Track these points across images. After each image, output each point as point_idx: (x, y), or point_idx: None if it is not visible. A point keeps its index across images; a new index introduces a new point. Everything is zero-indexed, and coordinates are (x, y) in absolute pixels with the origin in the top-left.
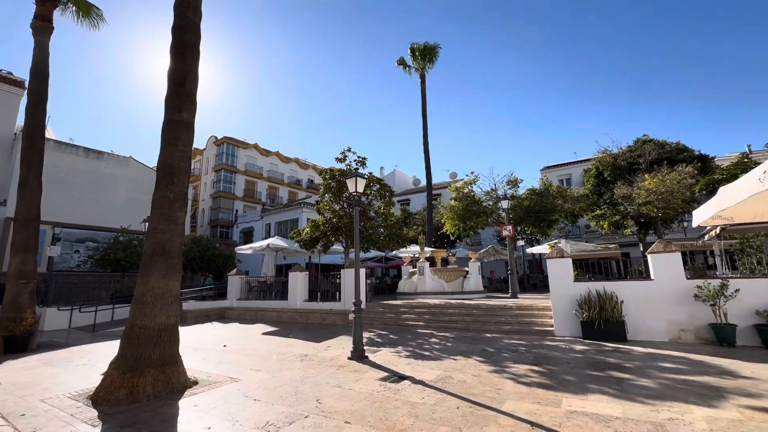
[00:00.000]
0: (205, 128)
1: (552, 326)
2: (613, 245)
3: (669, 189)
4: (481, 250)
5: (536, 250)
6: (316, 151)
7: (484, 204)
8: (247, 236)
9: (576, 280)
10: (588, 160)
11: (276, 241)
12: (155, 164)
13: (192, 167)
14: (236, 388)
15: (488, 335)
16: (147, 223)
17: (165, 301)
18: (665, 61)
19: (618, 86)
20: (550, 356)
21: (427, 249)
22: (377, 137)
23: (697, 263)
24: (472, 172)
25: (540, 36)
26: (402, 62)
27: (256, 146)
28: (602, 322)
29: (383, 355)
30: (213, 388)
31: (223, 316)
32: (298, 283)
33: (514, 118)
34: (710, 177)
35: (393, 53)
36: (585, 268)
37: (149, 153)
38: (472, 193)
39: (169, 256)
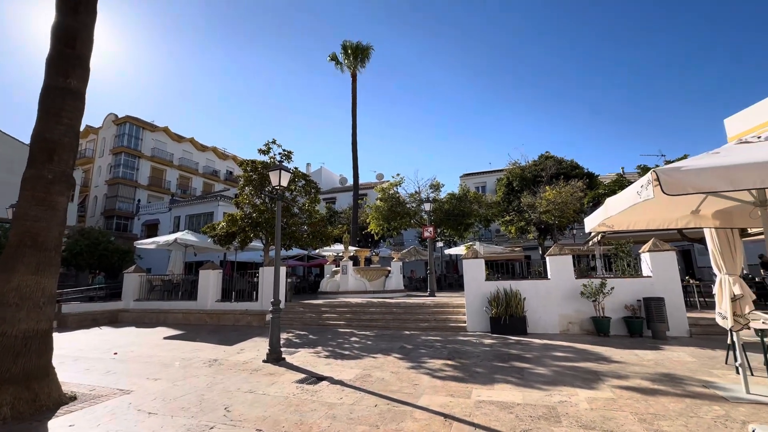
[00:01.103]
0: (103, 105)
1: (465, 322)
2: (518, 248)
3: (564, 200)
4: (404, 251)
5: (453, 251)
6: (239, 144)
7: (407, 206)
8: (151, 230)
9: (487, 279)
10: (501, 170)
11: (185, 235)
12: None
13: (82, 147)
14: (127, 402)
15: (407, 332)
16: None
17: (35, 302)
18: (567, 81)
19: (533, 102)
20: (462, 350)
21: (351, 248)
22: (306, 134)
23: (582, 265)
24: (397, 174)
25: (471, 47)
26: (334, 58)
27: (166, 130)
28: (508, 318)
29: (301, 356)
30: (96, 403)
31: (116, 320)
32: (210, 281)
33: (440, 124)
34: (596, 191)
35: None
36: (495, 269)
37: (24, 126)
38: (397, 195)
39: (43, 249)
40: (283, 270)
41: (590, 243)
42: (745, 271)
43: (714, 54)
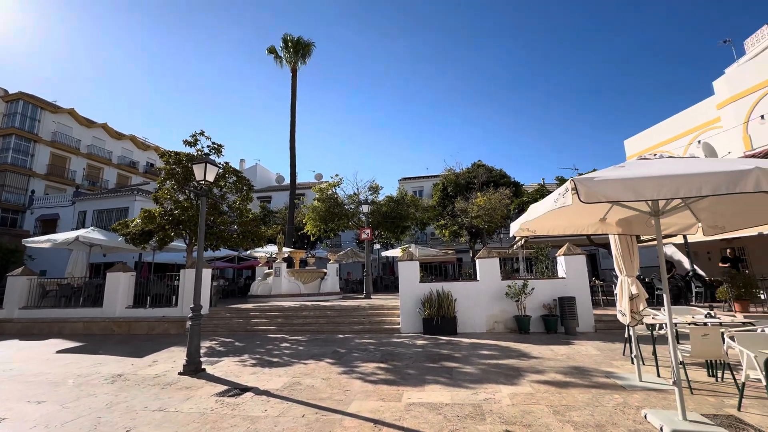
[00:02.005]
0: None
1: (400, 324)
2: (451, 251)
3: (493, 206)
4: (341, 252)
5: (390, 253)
6: (165, 136)
7: (346, 207)
8: (49, 226)
9: (421, 281)
10: (437, 176)
11: (90, 233)
12: None
13: None
14: None
15: (341, 336)
16: None
17: None
18: (499, 97)
19: (470, 112)
20: (396, 352)
21: (285, 249)
22: (241, 129)
23: (507, 267)
24: (336, 175)
25: (419, 49)
26: (273, 51)
27: (72, 113)
28: (439, 319)
29: (225, 366)
30: None
31: None
32: (120, 285)
33: (383, 127)
34: (521, 199)
35: (267, 42)
36: (429, 271)
37: None
38: (335, 196)
39: None
40: (207, 272)
41: (515, 247)
42: (637, 273)
43: (617, 84)
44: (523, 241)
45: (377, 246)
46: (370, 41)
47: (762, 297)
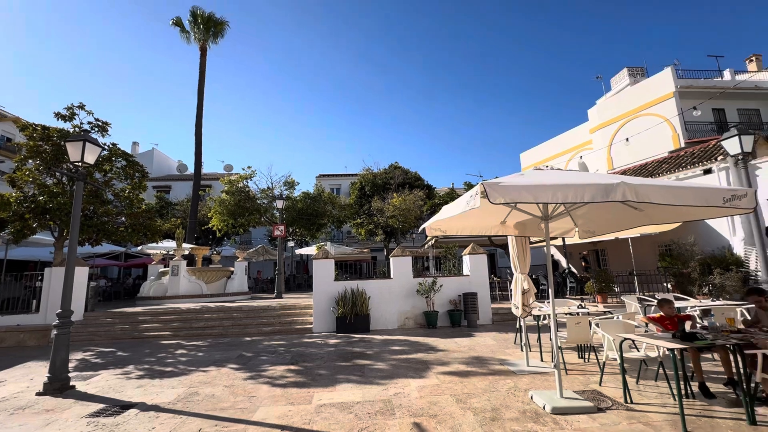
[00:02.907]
0: None
1: (312, 324)
2: (366, 249)
3: (408, 207)
4: (251, 250)
5: (305, 251)
6: (32, 109)
7: (258, 201)
8: None
9: (336, 279)
10: (355, 174)
11: None
12: None
13: None
14: None
15: (248, 339)
16: None
17: None
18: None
19: (388, 116)
20: (307, 353)
21: (186, 245)
22: (137, 109)
23: (418, 266)
24: (249, 167)
25: (345, 43)
26: (179, 23)
27: None
28: (353, 317)
29: (102, 381)
30: None
31: None
32: None
33: (301, 122)
34: (433, 201)
35: (172, 13)
36: (344, 269)
37: None
38: (246, 189)
39: None
40: (83, 270)
41: (426, 246)
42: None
43: (517, 103)
44: (433, 241)
45: (291, 243)
46: (290, 33)
47: (616, 290)
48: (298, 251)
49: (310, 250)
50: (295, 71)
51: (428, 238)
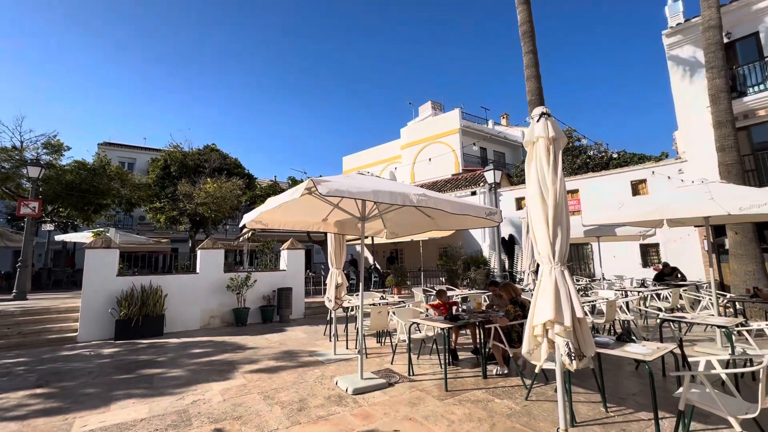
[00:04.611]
0: None
1: (77, 331)
2: (165, 240)
3: (223, 195)
4: None
5: (72, 237)
6: None
7: None
8: None
9: (120, 274)
10: (158, 150)
11: None
12: None
13: None
14: None
15: None
16: None
17: None
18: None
19: (202, 91)
20: (65, 370)
21: None
22: None
23: (230, 260)
24: None
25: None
26: None
27: None
28: (141, 319)
29: None
30: None
31: None
32: None
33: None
34: (253, 192)
35: None
36: (133, 262)
37: None
38: None
39: None
40: None
41: (241, 239)
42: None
43: (342, 111)
44: (250, 234)
45: (50, 227)
46: None
47: (408, 283)
48: (61, 237)
49: (81, 236)
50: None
51: (244, 230)
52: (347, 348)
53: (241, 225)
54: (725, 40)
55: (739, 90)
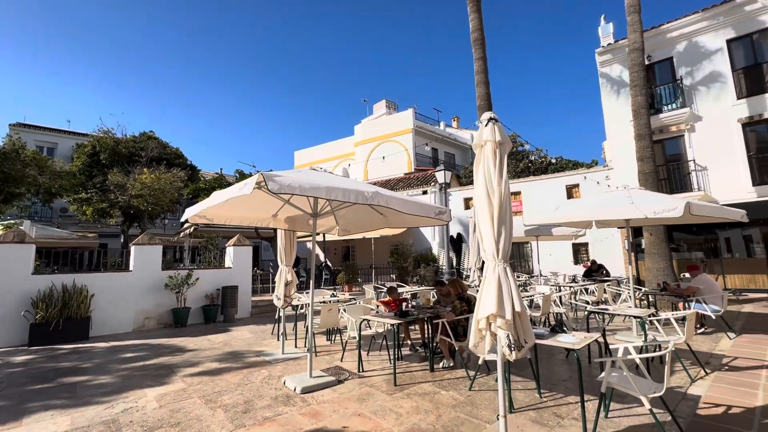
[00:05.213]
0: None
1: None
2: (93, 234)
3: (162, 187)
4: None
5: None
6: None
7: None
8: None
9: (36, 272)
10: (85, 134)
11: None
12: None
13: None
14: None
15: None
16: None
17: None
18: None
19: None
20: None
21: None
22: None
23: (168, 257)
24: None
25: None
26: None
27: None
28: (62, 322)
29: None
30: None
31: None
32: None
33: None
34: (197, 185)
35: None
36: (53, 258)
37: None
38: None
39: None
40: None
41: (182, 234)
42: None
43: (296, 105)
44: (192, 229)
45: None
46: None
47: (360, 280)
48: None
49: None
50: None
51: (186, 225)
52: (296, 347)
53: (183, 219)
54: (647, 62)
55: (656, 107)
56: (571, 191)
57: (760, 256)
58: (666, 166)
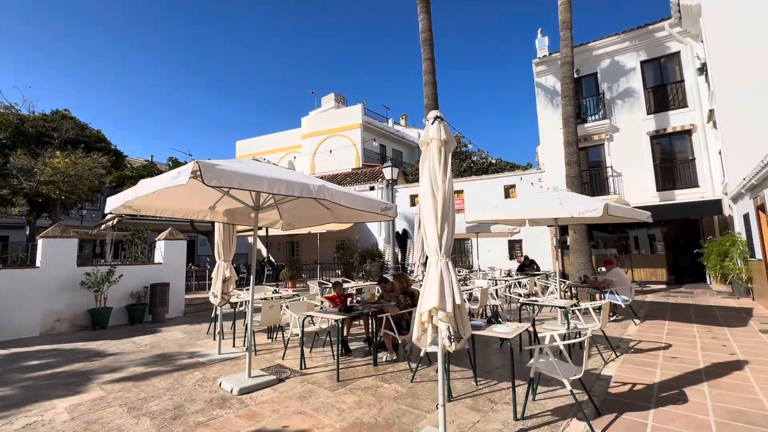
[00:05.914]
0: None
1: None
2: None
3: (79, 174)
4: None
5: None
6: None
7: None
8: None
9: None
10: None
11: None
12: None
13: None
14: None
15: None
16: None
17: None
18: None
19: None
20: None
21: None
22: None
23: (86, 251)
24: None
25: None
26: None
27: None
28: None
29: None
30: None
31: None
32: None
33: None
34: (122, 172)
35: None
36: None
37: None
38: None
39: None
40: None
41: (103, 227)
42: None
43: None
44: (116, 221)
45: None
46: None
47: (304, 276)
48: None
49: None
50: None
51: (109, 217)
52: (234, 346)
53: (107, 210)
54: (576, 75)
55: (582, 117)
56: (508, 191)
57: (661, 253)
58: (589, 171)
